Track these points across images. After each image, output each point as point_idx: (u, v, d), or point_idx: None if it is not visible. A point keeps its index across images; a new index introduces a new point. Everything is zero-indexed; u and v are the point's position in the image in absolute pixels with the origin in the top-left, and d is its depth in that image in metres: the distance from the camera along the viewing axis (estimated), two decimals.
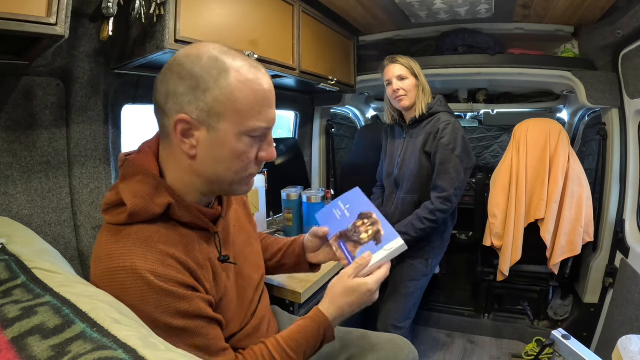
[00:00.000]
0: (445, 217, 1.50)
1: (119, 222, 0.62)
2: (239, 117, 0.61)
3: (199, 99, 0.59)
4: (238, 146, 0.63)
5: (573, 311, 2.02)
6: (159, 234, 0.62)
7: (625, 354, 0.95)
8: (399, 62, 1.52)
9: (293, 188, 1.72)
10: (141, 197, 0.61)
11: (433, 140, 1.48)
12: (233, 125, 0.61)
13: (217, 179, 0.66)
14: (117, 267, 0.57)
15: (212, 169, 0.64)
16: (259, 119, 0.63)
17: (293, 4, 1.50)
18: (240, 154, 0.64)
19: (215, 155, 0.63)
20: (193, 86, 0.59)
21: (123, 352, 0.39)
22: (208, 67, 0.60)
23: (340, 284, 0.74)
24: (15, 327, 0.42)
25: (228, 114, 0.61)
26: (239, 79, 0.60)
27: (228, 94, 0.60)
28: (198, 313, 0.62)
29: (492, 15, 1.84)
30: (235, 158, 0.64)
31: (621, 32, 1.54)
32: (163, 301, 0.58)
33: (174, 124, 0.61)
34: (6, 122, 0.96)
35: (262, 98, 0.63)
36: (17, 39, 0.79)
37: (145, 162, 0.65)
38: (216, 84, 0.59)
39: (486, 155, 2.94)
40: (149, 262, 0.58)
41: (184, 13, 1.02)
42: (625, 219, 1.74)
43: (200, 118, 0.60)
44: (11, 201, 0.98)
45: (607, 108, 1.79)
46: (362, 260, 0.75)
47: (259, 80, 0.63)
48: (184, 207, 0.65)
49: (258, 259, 0.90)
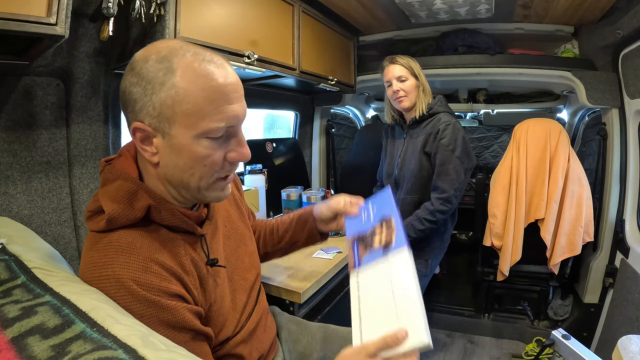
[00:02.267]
0: (445, 218, 1.50)
1: (99, 229, 0.60)
2: (190, 120, 0.56)
3: (147, 105, 0.56)
4: (197, 150, 0.58)
5: (573, 311, 2.02)
6: (142, 239, 0.59)
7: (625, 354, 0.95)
8: (399, 63, 1.52)
9: (293, 188, 1.72)
10: (119, 201, 0.59)
11: (433, 140, 1.48)
12: (185, 129, 0.56)
13: (184, 186, 0.62)
14: (100, 276, 0.56)
15: (177, 175, 0.60)
16: (214, 119, 0.57)
17: (293, 4, 1.50)
18: (202, 158, 0.59)
19: (175, 162, 0.59)
20: (142, 91, 0.56)
21: (123, 352, 0.39)
22: (155, 69, 0.55)
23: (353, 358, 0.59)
24: (15, 327, 0.42)
25: (178, 118, 0.56)
26: (185, 78, 0.55)
27: (174, 95, 0.55)
28: (183, 325, 0.59)
29: (492, 15, 1.84)
30: (196, 163, 0.59)
31: (621, 32, 1.54)
32: (146, 311, 0.55)
33: (132, 132, 0.58)
34: (6, 122, 0.96)
35: (216, 95, 0.57)
36: (17, 39, 0.79)
37: (124, 166, 0.63)
38: (162, 87, 0.55)
39: (486, 155, 2.94)
40: (131, 269, 0.56)
41: (184, 13, 1.02)
42: (625, 219, 1.74)
43: (153, 125, 0.57)
44: (11, 201, 0.98)
45: (607, 108, 1.79)
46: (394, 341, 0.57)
47: (210, 76, 0.56)
48: (167, 210, 0.62)
49: (253, 259, 0.87)
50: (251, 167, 1.70)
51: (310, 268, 1.25)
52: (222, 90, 0.57)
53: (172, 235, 0.64)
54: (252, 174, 1.69)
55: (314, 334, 0.99)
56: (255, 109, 2.14)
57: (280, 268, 1.25)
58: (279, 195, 1.67)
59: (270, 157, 2.03)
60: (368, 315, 0.64)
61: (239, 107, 0.60)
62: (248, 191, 1.54)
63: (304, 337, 0.99)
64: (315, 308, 1.21)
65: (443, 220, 1.50)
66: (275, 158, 2.07)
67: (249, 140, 2.18)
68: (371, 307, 0.65)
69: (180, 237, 0.65)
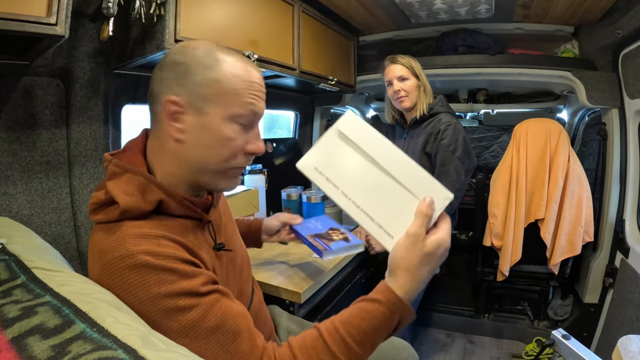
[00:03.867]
0: None
1: (110, 220, 0.60)
2: (228, 102, 0.63)
3: (189, 83, 0.62)
4: (225, 131, 0.64)
5: (573, 311, 2.02)
6: (151, 224, 0.61)
7: (625, 354, 0.95)
8: (400, 63, 1.52)
9: (293, 188, 1.72)
10: (132, 194, 0.61)
11: (434, 141, 1.48)
12: (221, 109, 0.63)
13: (203, 166, 0.65)
14: (112, 259, 0.56)
15: (199, 153, 0.64)
16: (246, 106, 0.64)
17: (293, 4, 1.50)
18: (228, 140, 0.64)
19: (202, 139, 0.63)
20: (185, 72, 0.62)
21: (123, 352, 0.39)
22: (202, 57, 0.63)
23: (414, 251, 0.55)
24: (15, 327, 0.42)
25: (217, 99, 0.62)
26: (229, 68, 0.63)
27: (218, 79, 0.62)
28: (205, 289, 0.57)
29: (492, 15, 1.84)
30: (222, 144, 0.64)
31: (621, 32, 1.54)
32: (166, 280, 0.55)
33: (163, 105, 0.62)
34: (6, 122, 0.96)
35: (250, 87, 0.65)
36: (17, 39, 0.79)
37: (132, 160, 0.65)
38: (208, 70, 0.62)
39: (486, 155, 2.93)
40: (143, 244, 0.56)
41: (184, 13, 1.02)
42: (625, 219, 1.74)
43: (190, 100, 0.62)
44: (11, 201, 0.98)
45: (607, 108, 1.79)
46: (429, 208, 0.55)
47: (248, 72, 0.65)
48: (175, 201, 0.64)
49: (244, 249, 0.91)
50: (251, 167, 1.70)
51: (310, 268, 1.25)
52: (254, 85, 0.65)
53: (180, 222, 0.66)
54: (252, 174, 1.69)
55: None
56: None
57: (280, 268, 1.25)
58: (279, 195, 1.67)
59: (270, 157, 2.03)
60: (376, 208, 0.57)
61: (263, 104, 0.68)
62: (248, 191, 1.54)
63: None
64: (315, 308, 1.21)
65: None
66: (275, 158, 2.07)
67: None
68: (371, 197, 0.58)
69: (190, 224, 0.67)
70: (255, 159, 2.11)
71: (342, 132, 0.60)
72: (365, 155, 0.59)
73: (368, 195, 0.58)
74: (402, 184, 0.57)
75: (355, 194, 0.58)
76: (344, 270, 1.40)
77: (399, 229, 0.56)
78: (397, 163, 0.58)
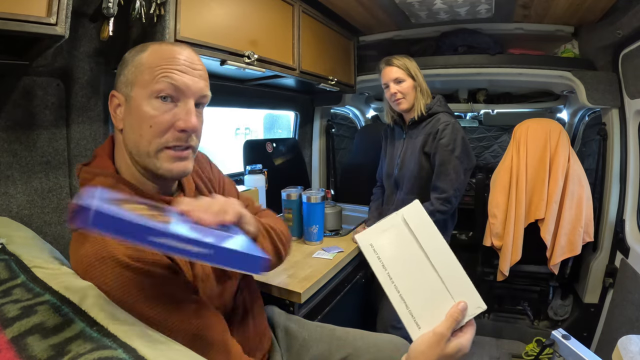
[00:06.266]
0: (445, 218, 1.50)
1: None
2: (146, 80, 0.64)
3: (121, 74, 0.67)
4: (146, 109, 0.64)
5: (573, 311, 2.02)
6: None
7: (625, 354, 0.95)
8: (395, 65, 1.52)
9: (293, 188, 1.72)
10: None
11: (432, 140, 1.48)
12: (142, 88, 0.64)
13: (138, 150, 0.66)
14: (92, 262, 0.56)
15: (132, 138, 0.66)
16: (164, 80, 0.64)
17: (293, 4, 1.50)
18: (148, 118, 0.64)
19: (131, 123, 0.66)
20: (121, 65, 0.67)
21: (123, 352, 0.39)
22: (136, 49, 0.67)
23: (436, 350, 0.57)
24: (15, 327, 0.42)
25: (138, 80, 0.65)
26: (153, 50, 0.66)
27: (141, 62, 0.65)
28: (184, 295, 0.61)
29: (492, 15, 1.84)
30: (143, 122, 0.64)
31: (621, 32, 1.54)
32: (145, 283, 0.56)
33: (109, 101, 0.68)
34: (6, 122, 0.96)
35: (171, 61, 0.65)
36: (17, 39, 0.79)
37: (100, 164, 0.68)
38: (134, 58, 0.66)
39: (486, 155, 2.93)
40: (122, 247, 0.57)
41: (184, 13, 1.02)
42: (625, 219, 1.74)
43: (122, 90, 0.66)
44: (11, 201, 0.98)
45: (607, 108, 1.79)
46: (460, 315, 0.58)
47: (169, 48, 0.66)
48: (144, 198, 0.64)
49: None
50: (251, 167, 1.70)
51: (310, 268, 1.25)
52: (174, 57, 0.65)
53: None
54: (252, 174, 1.69)
55: (312, 332, 1.00)
56: (255, 109, 2.14)
57: (281, 268, 1.25)
58: (279, 195, 1.67)
59: (270, 157, 2.03)
60: (413, 297, 0.60)
61: (190, 79, 0.66)
62: (248, 191, 1.54)
63: (301, 335, 0.99)
64: (315, 308, 1.21)
65: (443, 221, 1.50)
66: (275, 158, 2.07)
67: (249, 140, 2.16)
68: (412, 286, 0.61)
69: None
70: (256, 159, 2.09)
71: (406, 220, 0.64)
72: (420, 246, 0.62)
73: (410, 284, 0.61)
74: (444, 282, 0.60)
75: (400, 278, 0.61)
76: (344, 270, 1.40)
77: (428, 323, 0.59)
78: (446, 262, 0.61)
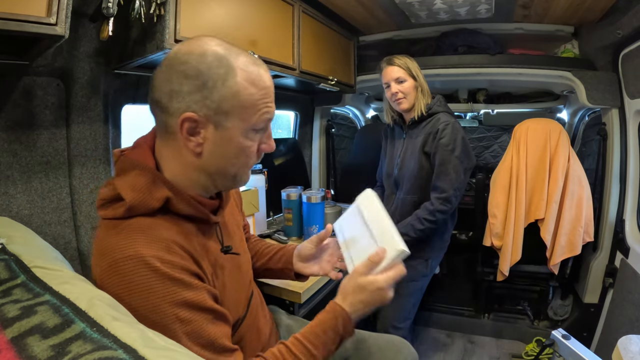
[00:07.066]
0: (445, 218, 1.50)
1: (116, 216, 0.61)
2: (246, 114, 0.63)
3: (207, 98, 0.60)
4: (245, 142, 0.65)
5: (573, 311, 2.02)
6: (159, 224, 0.61)
7: (625, 354, 0.95)
8: (396, 64, 1.52)
9: (293, 188, 1.72)
10: (139, 190, 0.61)
11: (432, 140, 1.48)
12: (241, 122, 0.63)
13: (222, 174, 0.67)
14: (121, 258, 0.56)
15: (217, 164, 0.65)
16: (263, 116, 0.65)
17: (293, 4, 1.50)
18: (246, 148, 0.66)
19: (222, 152, 0.64)
20: (200, 85, 0.60)
21: (123, 352, 0.39)
22: (214, 66, 0.61)
23: (351, 281, 0.72)
24: (15, 327, 0.42)
25: (236, 111, 0.62)
26: (245, 78, 0.62)
27: (235, 92, 0.61)
28: (204, 304, 0.60)
29: (492, 15, 1.84)
30: (240, 153, 0.66)
31: (621, 32, 1.54)
32: (169, 289, 0.56)
33: (180, 123, 0.60)
34: (6, 122, 0.96)
35: (265, 93, 0.65)
36: (17, 39, 0.79)
37: (141, 157, 0.65)
38: (224, 84, 0.61)
39: (486, 155, 2.93)
40: (153, 248, 0.57)
41: (184, 13, 1.02)
42: (625, 219, 1.74)
43: (208, 115, 0.61)
44: (11, 201, 0.98)
45: (607, 108, 1.79)
46: (376, 257, 0.72)
47: (261, 77, 0.65)
48: (183, 200, 0.64)
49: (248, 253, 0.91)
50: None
51: None
52: (268, 91, 0.67)
53: (186, 224, 0.66)
54: (252, 174, 1.69)
55: None
56: None
57: None
58: (279, 195, 1.67)
59: (270, 157, 2.03)
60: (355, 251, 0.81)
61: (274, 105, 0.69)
62: (248, 191, 1.54)
63: None
64: (316, 308, 1.21)
65: (443, 220, 1.50)
66: (275, 158, 2.07)
67: None
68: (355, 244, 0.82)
69: (194, 227, 0.67)
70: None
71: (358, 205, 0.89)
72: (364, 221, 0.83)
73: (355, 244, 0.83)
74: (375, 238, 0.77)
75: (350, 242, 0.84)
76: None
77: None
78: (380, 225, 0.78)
